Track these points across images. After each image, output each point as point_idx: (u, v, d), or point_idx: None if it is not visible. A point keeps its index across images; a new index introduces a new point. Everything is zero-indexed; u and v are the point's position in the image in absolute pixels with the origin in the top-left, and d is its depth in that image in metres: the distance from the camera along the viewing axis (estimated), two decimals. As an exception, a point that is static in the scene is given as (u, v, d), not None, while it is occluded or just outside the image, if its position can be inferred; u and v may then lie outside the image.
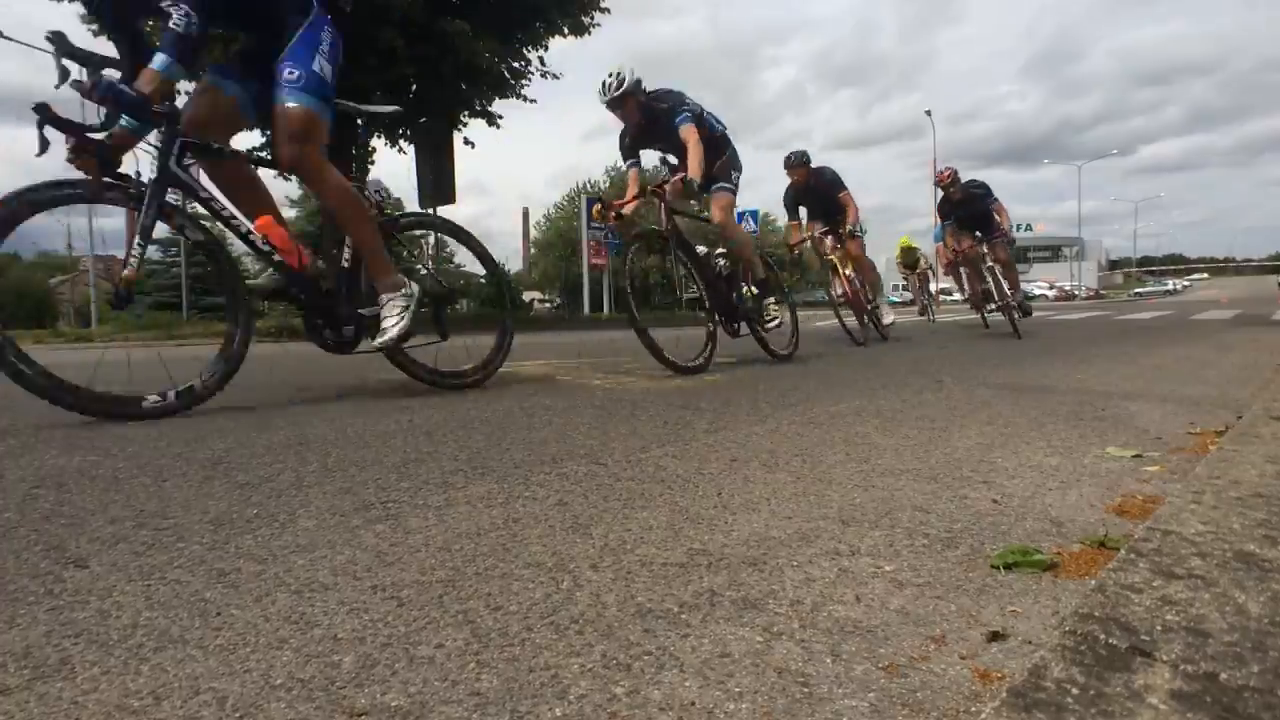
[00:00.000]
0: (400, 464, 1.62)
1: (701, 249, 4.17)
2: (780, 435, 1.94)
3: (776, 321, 4.32)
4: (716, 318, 3.95)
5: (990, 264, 6.92)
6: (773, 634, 0.79)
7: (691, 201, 4.41)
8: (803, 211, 6.57)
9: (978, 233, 7.16)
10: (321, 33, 2.58)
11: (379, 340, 2.68)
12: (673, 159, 4.26)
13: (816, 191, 6.44)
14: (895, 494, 1.35)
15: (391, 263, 2.79)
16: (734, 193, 4.22)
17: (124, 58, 2.39)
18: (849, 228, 6.38)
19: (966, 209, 7.13)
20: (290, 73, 2.49)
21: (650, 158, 4.38)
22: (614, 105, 3.96)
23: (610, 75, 3.93)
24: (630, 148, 4.17)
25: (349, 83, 9.36)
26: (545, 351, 5.41)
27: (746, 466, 1.59)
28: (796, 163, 6.36)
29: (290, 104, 2.48)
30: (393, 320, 2.67)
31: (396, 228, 2.97)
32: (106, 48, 2.44)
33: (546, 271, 35.79)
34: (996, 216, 7.05)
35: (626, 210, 3.83)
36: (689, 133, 3.84)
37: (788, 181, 6.47)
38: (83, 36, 9.68)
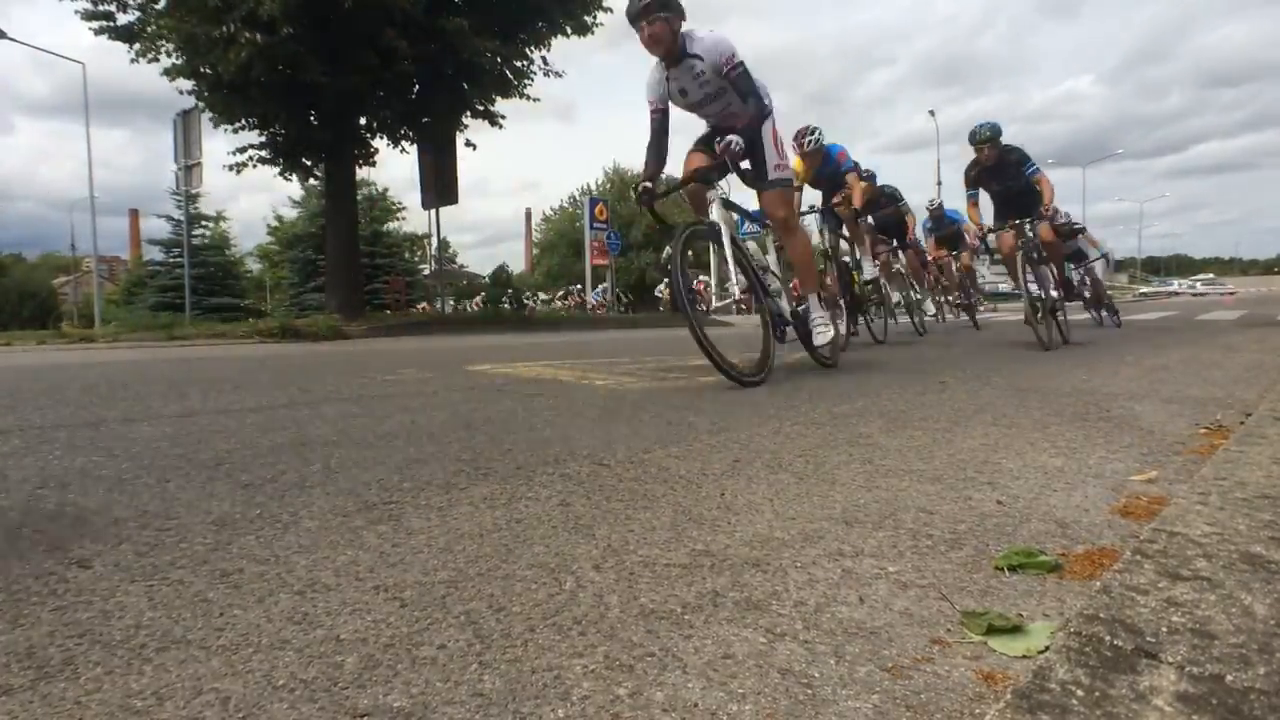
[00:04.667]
0: (403, 465, 1.62)
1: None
2: (783, 436, 1.94)
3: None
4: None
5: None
6: (776, 635, 0.79)
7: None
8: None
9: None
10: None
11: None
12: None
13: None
14: (899, 495, 1.35)
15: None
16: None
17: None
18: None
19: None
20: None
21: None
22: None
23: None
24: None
25: (348, 83, 9.40)
26: (546, 352, 5.41)
27: (749, 467, 1.58)
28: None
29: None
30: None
31: None
32: (112, 47, 2.48)
33: (550, 271, 36.14)
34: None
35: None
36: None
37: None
38: (86, 36, 9.68)
